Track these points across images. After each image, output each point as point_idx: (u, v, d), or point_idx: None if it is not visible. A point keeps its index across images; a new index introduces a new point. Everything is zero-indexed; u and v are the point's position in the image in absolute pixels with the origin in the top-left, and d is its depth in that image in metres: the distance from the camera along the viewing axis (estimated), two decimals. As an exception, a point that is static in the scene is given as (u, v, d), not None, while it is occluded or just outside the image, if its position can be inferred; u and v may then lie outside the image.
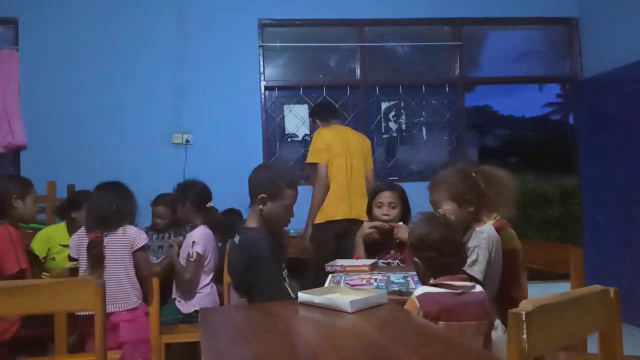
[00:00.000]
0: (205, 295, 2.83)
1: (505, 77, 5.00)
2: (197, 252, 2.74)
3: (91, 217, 2.46)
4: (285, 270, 2.08)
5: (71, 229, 2.99)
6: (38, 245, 3.10)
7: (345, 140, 3.40)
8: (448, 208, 1.87)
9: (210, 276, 2.89)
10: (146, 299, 2.53)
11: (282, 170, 2.12)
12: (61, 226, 3.17)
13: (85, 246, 2.40)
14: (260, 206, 2.01)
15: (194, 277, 2.80)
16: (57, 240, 3.08)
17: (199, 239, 2.78)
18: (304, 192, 2.51)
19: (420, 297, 1.54)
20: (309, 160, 3.39)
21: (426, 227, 1.68)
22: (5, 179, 2.72)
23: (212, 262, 2.88)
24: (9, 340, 2.34)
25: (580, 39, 4.68)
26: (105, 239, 2.40)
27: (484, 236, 1.82)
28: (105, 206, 2.44)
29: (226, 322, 1.53)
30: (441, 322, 1.53)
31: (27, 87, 4.13)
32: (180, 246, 2.85)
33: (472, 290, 1.61)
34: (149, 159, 4.12)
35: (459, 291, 1.57)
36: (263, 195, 2.00)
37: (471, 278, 1.70)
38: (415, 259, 1.68)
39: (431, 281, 1.61)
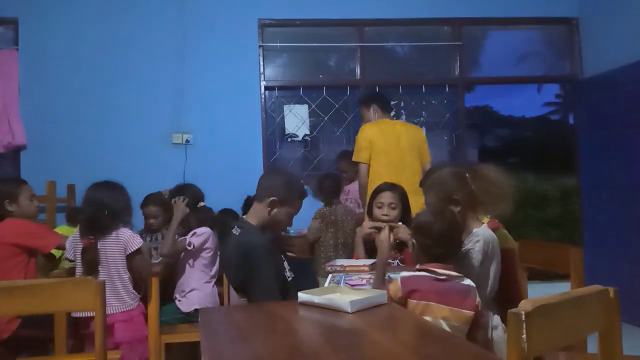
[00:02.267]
0: (205, 295, 2.83)
1: (505, 77, 5.00)
2: (192, 243, 2.77)
3: (83, 221, 2.42)
4: (289, 272, 2.09)
5: None
6: None
7: (392, 135, 3.25)
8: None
9: (212, 274, 2.91)
10: (145, 298, 2.52)
11: (297, 181, 2.24)
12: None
13: (80, 248, 2.39)
14: (269, 208, 2.04)
15: (182, 263, 2.86)
16: None
17: (200, 232, 2.83)
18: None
19: (403, 279, 1.67)
20: (353, 158, 3.31)
21: (431, 217, 1.75)
22: None
23: (213, 255, 2.89)
24: (7, 339, 2.34)
25: (580, 39, 4.68)
26: (99, 243, 2.37)
27: (478, 238, 1.84)
28: (97, 210, 2.39)
29: (226, 322, 1.53)
30: (412, 300, 1.63)
31: (27, 87, 4.12)
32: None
33: (457, 280, 1.66)
34: (149, 159, 4.11)
35: (442, 277, 1.65)
36: (274, 198, 2.04)
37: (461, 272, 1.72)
38: (414, 241, 1.80)
39: (417, 266, 1.72)
